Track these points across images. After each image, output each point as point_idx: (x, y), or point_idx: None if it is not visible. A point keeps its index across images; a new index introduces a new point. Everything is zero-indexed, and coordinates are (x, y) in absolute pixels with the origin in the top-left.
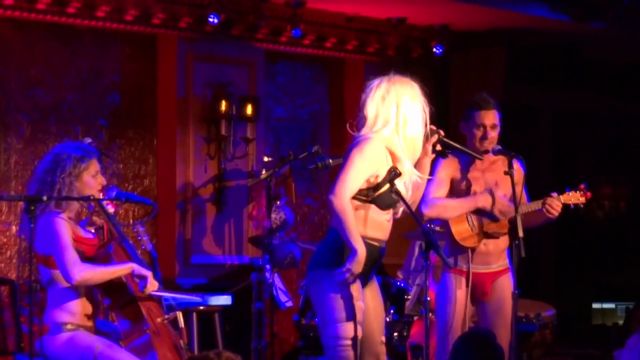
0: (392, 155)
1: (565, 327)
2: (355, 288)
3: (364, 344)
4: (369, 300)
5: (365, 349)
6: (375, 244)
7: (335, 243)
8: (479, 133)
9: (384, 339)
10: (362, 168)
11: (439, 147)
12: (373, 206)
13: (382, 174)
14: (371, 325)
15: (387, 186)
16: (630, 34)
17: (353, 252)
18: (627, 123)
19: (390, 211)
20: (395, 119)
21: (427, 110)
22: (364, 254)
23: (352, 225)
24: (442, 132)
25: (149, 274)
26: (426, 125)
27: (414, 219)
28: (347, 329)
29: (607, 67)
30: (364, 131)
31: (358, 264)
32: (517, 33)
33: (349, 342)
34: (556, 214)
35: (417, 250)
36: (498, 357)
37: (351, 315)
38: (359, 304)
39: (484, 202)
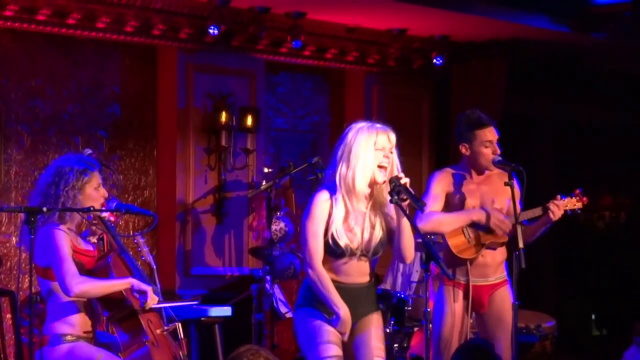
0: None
1: (565, 338)
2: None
3: None
4: (358, 339)
5: None
6: (350, 286)
7: (309, 288)
8: (488, 150)
9: None
10: (315, 230)
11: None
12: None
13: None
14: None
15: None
16: (630, 45)
17: (337, 315)
18: (628, 134)
19: (345, 258)
20: (340, 165)
21: (369, 153)
22: (348, 313)
23: (329, 291)
24: (403, 181)
25: (148, 288)
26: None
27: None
28: (326, 348)
29: (607, 78)
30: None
31: (345, 324)
32: (517, 44)
33: (332, 359)
34: (556, 217)
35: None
36: None
37: (324, 339)
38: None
39: (479, 216)
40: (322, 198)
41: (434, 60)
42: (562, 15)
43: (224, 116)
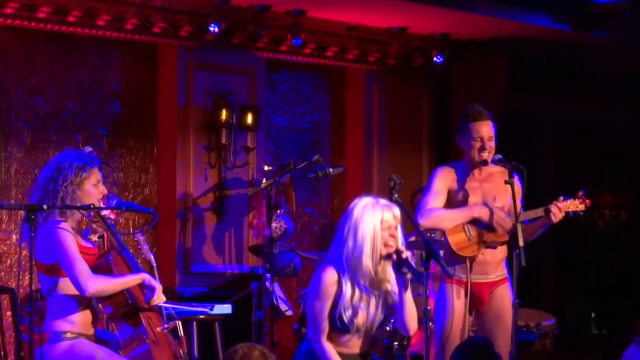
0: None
1: (565, 337)
2: None
3: None
4: None
5: None
6: (352, 356)
7: (309, 354)
8: (476, 145)
9: None
10: (321, 308)
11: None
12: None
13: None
14: None
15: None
16: (630, 44)
17: None
18: (628, 132)
19: (350, 334)
20: (346, 244)
21: (376, 232)
22: None
23: None
24: (405, 255)
25: (158, 286)
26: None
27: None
28: None
29: (607, 76)
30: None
31: None
32: (518, 42)
33: None
34: (558, 219)
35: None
36: None
37: None
38: None
39: (481, 212)
40: (330, 276)
41: (435, 59)
42: (562, 14)
43: (224, 114)
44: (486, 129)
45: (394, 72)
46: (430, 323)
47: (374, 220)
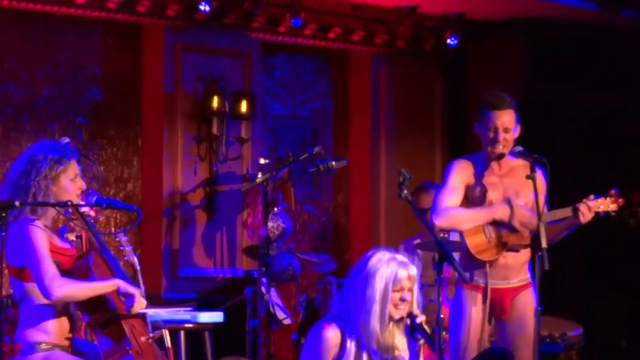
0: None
1: (593, 348)
2: None
3: None
4: None
5: None
6: None
7: None
8: (490, 135)
9: None
10: None
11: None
12: None
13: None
14: None
15: None
16: None
17: None
18: None
19: None
20: (354, 302)
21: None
22: None
23: None
24: (419, 319)
25: (136, 291)
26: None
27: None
28: None
29: (636, 60)
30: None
31: None
32: (538, 23)
33: None
34: (587, 219)
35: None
36: None
37: None
38: None
39: (502, 213)
40: (332, 336)
41: (448, 40)
42: None
43: (215, 101)
44: (504, 119)
45: (403, 55)
46: (444, 333)
47: (386, 278)
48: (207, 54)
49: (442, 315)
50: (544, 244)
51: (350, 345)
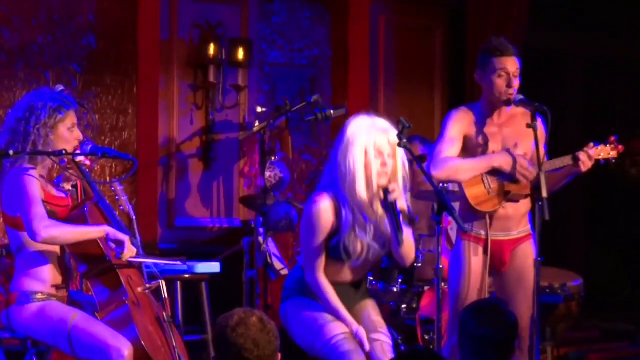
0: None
1: (594, 299)
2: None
3: None
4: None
5: None
6: (344, 285)
7: (302, 281)
8: (501, 81)
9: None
10: (318, 243)
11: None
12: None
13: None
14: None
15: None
16: None
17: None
18: None
19: (351, 257)
20: (340, 169)
21: (371, 158)
22: (361, 328)
23: (336, 305)
24: (392, 197)
25: (125, 238)
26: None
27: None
28: (333, 327)
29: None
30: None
31: (362, 335)
32: None
33: (343, 335)
34: (587, 168)
35: None
36: (510, 324)
37: (327, 319)
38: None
39: (502, 161)
40: (325, 207)
41: None
42: None
43: (212, 49)
44: (512, 64)
45: (403, 3)
46: (443, 284)
47: (365, 145)
48: (204, 1)
49: (441, 266)
50: (544, 194)
51: (346, 213)
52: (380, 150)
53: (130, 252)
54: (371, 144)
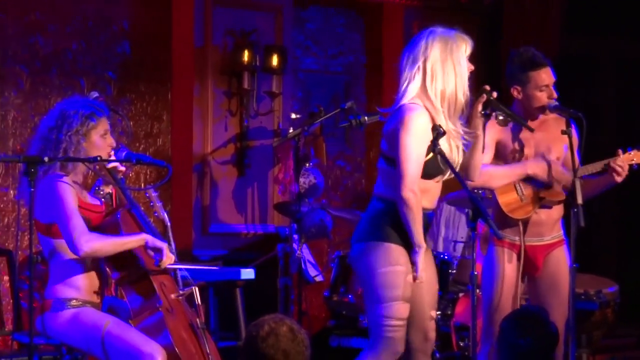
0: (432, 117)
1: (629, 306)
2: (406, 261)
3: (411, 317)
4: (422, 271)
5: (412, 324)
6: (427, 213)
7: (382, 216)
8: (543, 95)
9: (434, 314)
10: (420, 152)
11: (488, 110)
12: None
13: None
14: (422, 298)
15: (431, 154)
16: None
17: (415, 249)
18: None
19: (439, 177)
20: (422, 74)
21: (464, 64)
22: (424, 247)
23: (419, 223)
24: (494, 94)
25: (164, 245)
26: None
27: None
28: (398, 309)
29: None
30: (403, 100)
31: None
32: None
33: (399, 322)
34: (622, 177)
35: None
36: (551, 336)
37: (402, 295)
38: (409, 279)
39: (536, 168)
40: (423, 115)
41: None
42: None
43: (246, 55)
44: (549, 75)
45: (437, 9)
46: (478, 290)
47: (459, 49)
48: (238, 8)
49: (476, 272)
50: (579, 200)
51: (438, 122)
52: (469, 51)
53: (168, 259)
54: (463, 48)
